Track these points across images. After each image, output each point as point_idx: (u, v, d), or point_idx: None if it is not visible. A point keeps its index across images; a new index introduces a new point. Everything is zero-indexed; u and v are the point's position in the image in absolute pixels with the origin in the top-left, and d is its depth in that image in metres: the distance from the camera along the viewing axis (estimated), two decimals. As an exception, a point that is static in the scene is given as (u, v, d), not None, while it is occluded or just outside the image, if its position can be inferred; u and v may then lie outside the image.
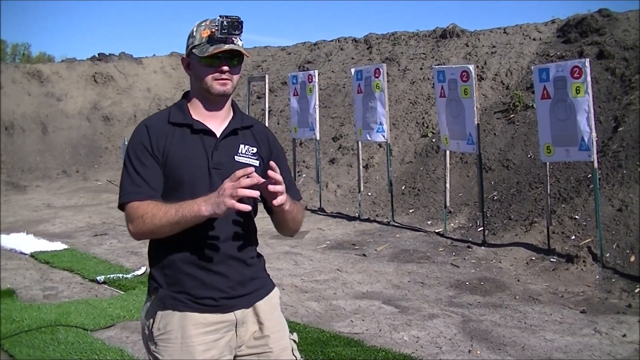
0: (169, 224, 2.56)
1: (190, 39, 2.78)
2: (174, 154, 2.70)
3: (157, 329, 2.70)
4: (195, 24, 2.79)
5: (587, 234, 8.77)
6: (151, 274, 2.79)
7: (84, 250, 10.00)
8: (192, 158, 2.71)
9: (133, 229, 2.63)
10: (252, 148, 2.84)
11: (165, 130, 2.74)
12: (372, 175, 13.59)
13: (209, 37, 2.71)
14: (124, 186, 2.68)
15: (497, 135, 12.49)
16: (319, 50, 20.22)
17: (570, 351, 5.72)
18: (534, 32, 14.82)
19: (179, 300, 2.70)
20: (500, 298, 7.38)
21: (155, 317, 2.72)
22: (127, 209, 2.64)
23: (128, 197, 2.65)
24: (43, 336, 6.04)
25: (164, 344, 2.69)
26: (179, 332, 2.68)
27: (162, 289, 2.72)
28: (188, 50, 2.79)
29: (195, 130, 2.75)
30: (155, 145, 2.70)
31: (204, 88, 2.76)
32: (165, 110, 2.89)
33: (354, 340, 5.97)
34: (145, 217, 2.58)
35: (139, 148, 2.70)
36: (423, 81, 15.37)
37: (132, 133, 2.77)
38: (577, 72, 8.13)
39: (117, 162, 19.06)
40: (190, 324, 2.69)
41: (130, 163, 2.70)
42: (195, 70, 2.78)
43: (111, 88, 21.29)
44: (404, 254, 9.42)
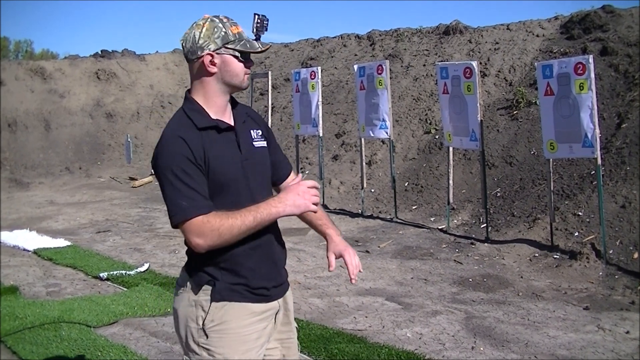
0: (247, 231, 2.65)
1: (213, 36, 2.74)
2: (213, 159, 2.71)
3: (211, 321, 2.74)
4: (210, 22, 2.76)
5: (590, 230, 8.76)
6: (199, 267, 2.78)
7: (87, 247, 10.01)
8: (227, 157, 2.77)
9: (205, 243, 2.62)
10: (258, 131, 2.98)
11: (198, 137, 2.72)
12: (375, 171, 13.58)
13: (240, 34, 2.77)
14: (177, 202, 2.63)
15: (500, 131, 12.47)
16: (322, 46, 20.20)
17: (573, 348, 5.72)
18: (537, 28, 14.79)
19: (237, 291, 2.77)
20: (504, 295, 7.37)
21: (208, 309, 2.75)
22: (191, 225, 2.62)
23: (189, 212, 2.61)
24: (46, 333, 6.05)
25: (218, 335, 2.75)
26: (235, 322, 2.76)
27: (218, 282, 2.76)
28: (217, 45, 2.75)
29: (220, 130, 2.79)
30: (198, 154, 2.68)
31: (235, 84, 2.81)
32: (181, 117, 2.80)
33: (357, 337, 5.97)
34: (222, 229, 2.60)
35: (181, 161, 2.65)
36: (426, 78, 15.35)
37: (166, 146, 2.69)
38: (581, 69, 8.11)
39: (119, 159, 19.07)
40: (246, 314, 2.79)
41: (177, 177, 2.64)
42: (229, 66, 2.78)
43: (114, 85, 21.28)
44: (407, 250, 9.42)
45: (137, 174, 17.71)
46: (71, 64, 21.64)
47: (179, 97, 21.31)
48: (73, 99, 20.44)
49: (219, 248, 2.69)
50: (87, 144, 19.61)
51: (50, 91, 20.34)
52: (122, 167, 18.72)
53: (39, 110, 19.72)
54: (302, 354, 5.56)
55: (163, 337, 6.10)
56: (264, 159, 2.94)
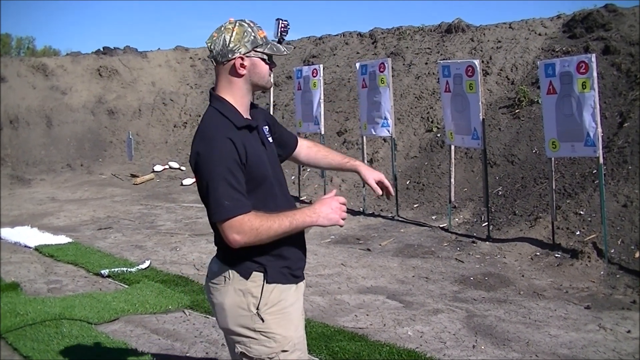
0: (283, 234, 2.86)
1: (244, 39, 2.94)
2: (252, 157, 2.92)
3: (265, 304, 2.95)
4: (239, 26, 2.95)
5: (592, 229, 8.75)
6: (246, 258, 2.96)
7: (89, 244, 10.02)
8: (260, 154, 2.99)
9: (242, 240, 2.80)
10: (266, 127, 3.20)
11: (240, 137, 2.91)
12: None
13: (266, 38, 3.01)
14: (221, 200, 2.80)
15: (502, 130, 12.47)
16: (324, 44, 20.19)
17: (574, 347, 5.71)
18: (540, 27, 14.76)
19: (283, 274, 3.02)
20: (505, 293, 7.37)
21: (260, 294, 2.95)
22: (233, 222, 2.79)
23: (233, 211, 2.79)
24: (47, 330, 6.05)
25: (273, 316, 2.96)
26: (285, 302, 3.01)
27: (268, 267, 2.98)
28: (247, 49, 2.95)
29: (251, 129, 3.02)
30: (242, 154, 2.87)
31: (261, 84, 3.03)
32: (219, 117, 2.96)
33: (358, 335, 5.97)
34: (261, 229, 2.80)
35: (230, 163, 2.83)
36: (428, 76, 15.34)
37: (216, 147, 2.84)
38: (583, 68, 8.10)
39: (121, 156, 19.07)
40: (291, 294, 3.06)
41: (224, 179, 2.81)
42: (257, 68, 3.00)
43: (116, 82, 21.26)
44: (408, 248, 9.42)
45: (139, 171, 17.72)
46: (73, 61, 21.63)
47: (181, 94, 21.33)
48: (75, 95, 20.44)
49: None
50: (89, 141, 19.61)
51: (52, 88, 20.34)
52: (123, 164, 18.72)
53: (41, 107, 19.72)
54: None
55: (164, 335, 6.10)
56: (275, 152, 3.21)
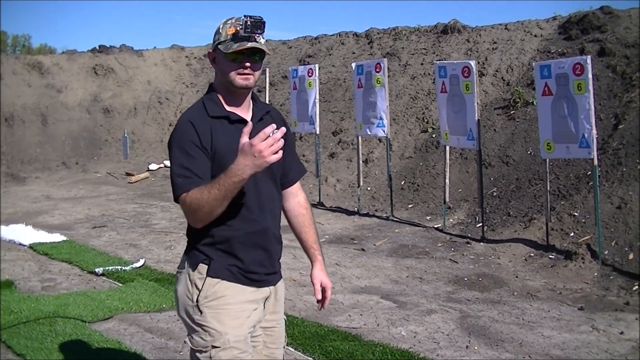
0: (215, 200, 2.75)
1: (216, 35, 3.00)
2: (220, 145, 2.91)
3: (205, 297, 2.92)
4: (222, 22, 3.00)
5: (586, 231, 8.78)
6: (196, 248, 2.98)
7: (83, 242, 10.00)
8: (235, 147, 2.85)
9: (192, 217, 2.84)
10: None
11: (208, 124, 2.94)
12: (371, 170, 13.59)
13: (234, 35, 2.92)
14: (174, 179, 2.87)
15: (497, 131, 12.49)
16: (320, 44, 20.20)
17: (567, 348, 5.73)
18: (535, 28, 14.79)
19: (231, 272, 2.96)
20: (499, 294, 7.38)
21: (202, 286, 2.93)
22: (184, 200, 2.83)
23: (181, 189, 2.83)
24: (41, 327, 6.04)
25: (210, 310, 2.92)
26: (229, 299, 2.94)
27: (213, 261, 2.95)
28: (214, 45, 3.01)
29: (232, 121, 3.00)
30: (204, 138, 2.89)
31: (228, 81, 2.99)
32: (198, 105, 3.05)
33: (352, 335, 5.97)
34: (193, 205, 2.78)
35: (186, 143, 2.88)
36: (424, 76, 15.36)
37: (177, 129, 2.96)
38: (579, 69, 8.12)
39: (116, 155, 19.05)
40: (238, 293, 2.97)
41: (177, 159, 2.88)
42: (220, 64, 3.00)
43: (111, 80, 21.24)
44: (402, 249, 9.43)
45: (134, 170, 17.70)
46: (69, 59, 21.60)
47: (177, 93, 21.33)
48: (70, 94, 20.41)
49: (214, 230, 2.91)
50: (84, 139, 19.58)
51: (47, 86, 20.30)
52: (118, 162, 18.70)
53: (36, 104, 19.68)
54: (296, 351, 5.58)
55: (158, 333, 6.10)
56: None
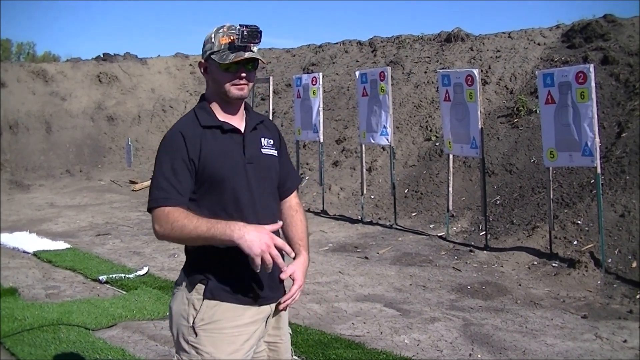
0: (197, 237, 2.70)
1: (208, 44, 2.93)
2: (211, 155, 2.84)
3: (201, 319, 2.81)
4: (213, 30, 2.94)
5: (589, 239, 8.77)
6: (195, 265, 2.89)
7: (87, 250, 10.02)
8: (228, 156, 2.88)
9: (160, 231, 2.75)
10: (270, 140, 3.09)
11: (199, 134, 2.87)
12: (375, 178, 13.60)
13: (230, 45, 2.86)
14: (153, 192, 2.81)
15: (500, 139, 12.50)
16: (324, 52, 20.24)
17: (571, 356, 5.73)
18: (539, 36, 14.82)
19: (228, 292, 2.85)
20: (502, 302, 7.38)
21: (199, 307, 2.82)
22: (156, 213, 2.76)
23: (157, 202, 2.77)
24: (45, 335, 6.06)
25: (207, 334, 2.81)
26: (226, 322, 2.83)
27: (211, 281, 2.84)
28: (206, 55, 2.93)
29: (225, 130, 2.93)
30: (192, 150, 2.83)
31: (222, 92, 2.93)
32: (190, 115, 2.99)
33: (355, 343, 5.98)
34: (175, 225, 2.70)
35: (172, 155, 2.83)
36: (427, 85, 15.38)
37: (165, 139, 2.89)
38: (582, 78, 8.13)
39: (120, 162, 19.09)
40: (237, 315, 2.86)
41: (161, 169, 2.82)
42: (214, 74, 2.94)
43: (115, 88, 21.30)
44: (406, 257, 9.43)
45: (138, 178, 17.73)
46: (73, 67, 21.68)
47: (181, 101, 21.36)
48: (74, 101, 20.47)
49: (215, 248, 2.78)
50: (88, 147, 19.63)
51: (51, 93, 20.37)
52: (122, 170, 18.74)
53: (41, 112, 19.74)
54: (300, 359, 5.58)
55: (161, 341, 6.11)
56: (271, 166, 3.04)
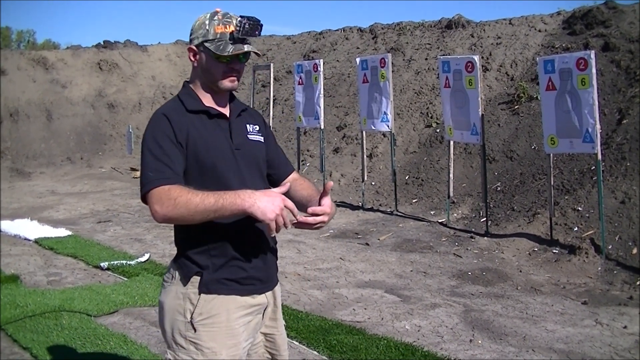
0: (205, 211, 2.56)
1: (200, 30, 2.82)
2: (199, 140, 2.75)
3: (199, 314, 2.72)
4: (207, 16, 2.83)
5: (589, 225, 8.78)
6: (188, 256, 2.78)
7: (88, 237, 10.04)
8: (216, 141, 2.79)
9: (161, 211, 2.58)
10: (256, 126, 3.01)
11: (185, 118, 2.78)
12: (376, 164, 13.60)
13: (229, 36, 2.77)
14: (146, 174, 2.68)
15: (501, 126, 12.49)
16: (324, 39, 20.19)
17: (571, 342, 5.75)
18: (540, 23, 14.78)
19: (225, 284, 2.75)
20: (502, 288, 7.40)
21: (197, 302, 2.73)
22: (153, 193, 2.61)
23: (154, 183, 2.63)
24: (47, 321, 6.08)
25: (206, 329, 2.72)
26: (224, 315, 2.74)
27: (206, 272, 2.74)
28: (198, 41, 2.82)
29: (211, 116, 2.84)
30: (179, 133, 2.73)
31: (212, 82, 2.84)
32: (174, 100, 2.90)
33: (356, 329, 6.00)
34: (179, 200, 2.55)
35: (159, 136, 2.71)
36: (428, 71, 15.35)
37: (151, 123, 2.78)
38: (583, 64, 8.12)
39: (121, 150, 19.10)
40: (234, 307, 2.76)
41: (151, 151, 2.70)
42: (205, 63, 2.83)
43: (116, 75, 21.28)
44: (406, 243, 9.45)
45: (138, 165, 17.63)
46: (73, 54, 21.64)
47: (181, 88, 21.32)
48: (75, 89, 20.45)
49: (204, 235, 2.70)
50: (89, 135, 19.64)
51: (52, 81, 20.35)
52: (123, 157, 18.75)
53: (41, 100, 19.73)
54: (301, 345, 5.61)
55: (163, 327, 6.12)
56: (258, 152, 2.95)
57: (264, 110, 17.04)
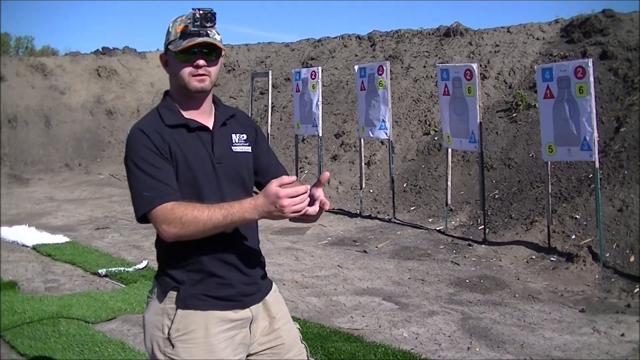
0: (214, 228, 2.50)
1: (167, 36, 2.72)
2: (180, 156, 2.64)
3: (176, 330, 2.64)
4: (172, 20, 2.73)
5: (587, 233, 8.79)
6: (166, 272, 2.71)
7: (86, 244, 10.03)
8: (196, 156, 2.67)
9: (170, 230, 2.53)
10: (243, 135, 2.85)
11: (164, 132, 2.65)
12: (374, 172, 13.61)
13: (182, 31, 2.64)
14: (140, 194, 2.58)
15: (499, 134, 12.51)
16: (323, 46, 20.22)
17: (568, 350, 5.75)
18: (538, 31, 14.82)
19: (202, 299, 2.66)
20: (500, 296, 7.40)
21: (173, 317, 2.65)
22: (157, 213, 2.53)
23: (151, 202, 2.55)
24: (45, 328, 6.08)
25: (184, 345, 2.64)
26: (202, 331, 2.65)
27: (183, 288, 2.66)
28: (165, 46, 2.73)
29: (191, 129, 2.71)
30: (161, 147, 2.61)
31: (181, 85, 2.70)
32: (152, 114, 2.76)
33: (354, 336, 6.00)
34: (185, 219, 2.49)
35: (143, 152, 2.60)
36: (426, 79, 15.38)
37: (129, 141, 2.65)
38: (580, 72, 8.15)
39: (119, 156, 19.06)
40: (213, 322, 2.67)
41: (139, 169, 2.59)
42: (172, 67, 2.73)
43: (114, 82, 21.30)
44: (404, 251, 9.45)
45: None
46: (72, 61, 21.66)
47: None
48: (73, 95, 20.46)
49: (183, 250, 2.62)
50: (87, 141, 19.63)
51: (50, 87, 20.36)
52: (121, 164, 18.61)
53: (40, 106, 19.74)
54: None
55: (161, 334, 6.12)
56: (242, 164, 2.82)
57: (262, 117, 17.05)
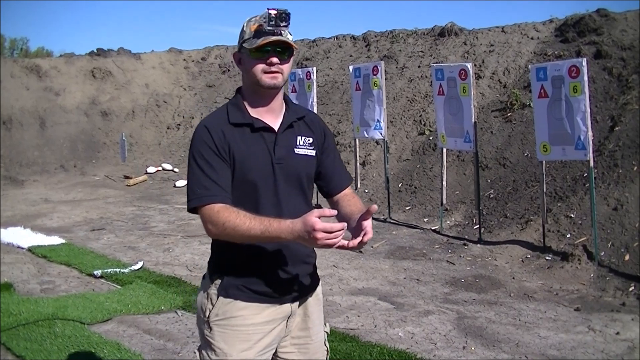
0: (249, 238, 2.62)
1: (241, 35, 2.83)
2: (239, 154, 2.76)
3: (215, 314, 2.81)
4: (246, 20, 2.83)
5: (582, 232, 8.81)
6: (217, 259, 2.89)
7: (82, 245, 10.02)
8: (256, 156, 2.78)
9: (213, 230, 2.68)
10: (308, 138, 2.94)
11: (227, 131, 2.78)
12: (369, 172, 13.63)
13: (257, 30, 2.75)
14: (193, 189, 2.73)
15: (494, 133, 12.53)
16: (318, 47, 20.22)
17: (564, 348, 5.77)
18: (532, 31, 14.84)
19: (243, 291, 2.81)
20: (495, 295, 7.42)
21: (215, 302, 2.82)
22: (204, 212, 2.68)
23: (201, 200, 2.69)
24: (40, 329, 6.07)
25: (220, 329, 2.80)
26: (238, 320, 2.80)
27: (227, 277, 2.82)
28: (239, 45, 2.84)
29: (255, 129, 2.82)
30: (220, 145, 2.74)
31: (254, 81, 2.80)
32: (222, 110, 2.89)
33: (350, 336, 6.01)
34: (227, 225, 2.62)
35: (203, 149, 2.74)
36: (421, 79, 15.39)
37: (194, 135, 2.80)
38: (575, 72, 8.16)
39: (114, 157, 19.06)
40: (251, 313, 2.81)
41: (197, 164, 2.74)
42: (245, 64, 2.82)
43: (109, 83, 21.24)
44: (400, 250, 9.46)
45: (132, 173, 17.71)
46: (67, 62, 21.60)
47: (175, 96, 21.33)
48: (68, 97, 20.41)
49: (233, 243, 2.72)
50: (82, 142, 19.58)
51: (45, 89, 20.30)
52: (116, 165, 18.71)
53: (35, 108, 19.68)
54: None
55: (156, 335, 6.13)
56: (302, 167, 2.91)
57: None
